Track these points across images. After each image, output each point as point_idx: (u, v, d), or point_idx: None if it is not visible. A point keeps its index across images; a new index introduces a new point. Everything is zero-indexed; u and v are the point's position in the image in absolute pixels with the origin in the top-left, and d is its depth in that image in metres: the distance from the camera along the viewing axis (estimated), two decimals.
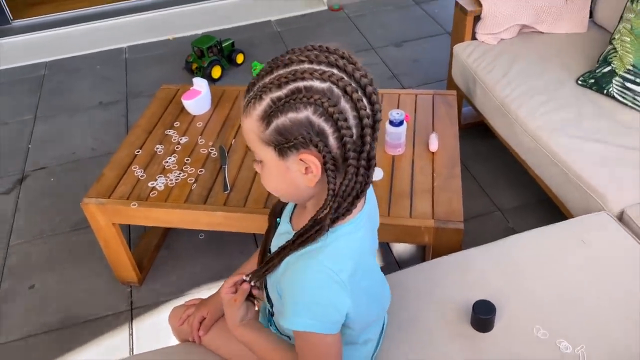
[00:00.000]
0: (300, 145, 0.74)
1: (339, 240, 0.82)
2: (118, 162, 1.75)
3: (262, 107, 0.74)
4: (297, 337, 0.87)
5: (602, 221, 1.40)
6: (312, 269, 0.80)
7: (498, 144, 2.08)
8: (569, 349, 1.13)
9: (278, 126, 0.73)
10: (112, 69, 3.03)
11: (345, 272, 0.82)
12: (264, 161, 0.79)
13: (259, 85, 0.75)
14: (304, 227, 0.81)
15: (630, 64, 1.70)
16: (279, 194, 0.85)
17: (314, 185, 0.78)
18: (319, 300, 0.81)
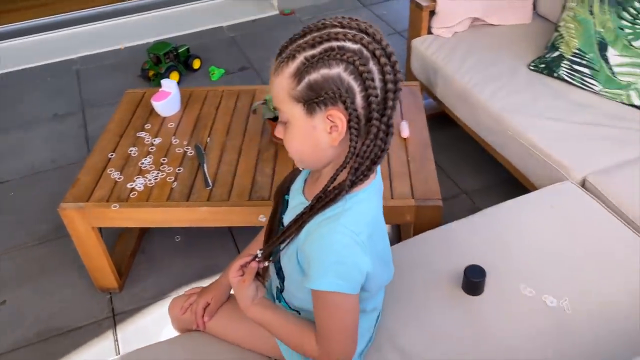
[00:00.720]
0: (329, 101, 0.78)
1: (357, 206, 0.87)
2: (92, 167, 1.72)
3: (295, 64, 0.78)
4: (319, 300, 0.90)
5: (567, 189, 1.52)
6: (336, 231, 0.84)
7: (458, 133, 2.19)
8: (554, 302, 1.22)
9: (310, 82, 0.78)
10: (64, 81, 2.96)
11: (365, 234, 0.86)
12: (290, 121, 0.83)
13: (293, 46, 0.79)
14: (324, 189, 0.85)
15: (576, 48, 1.85)
16: (301, 156, 0.88)
17: (337, 145, 0.82)
18: (344, 260, 0.85)
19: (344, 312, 0.90)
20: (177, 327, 1.31)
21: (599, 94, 1.81)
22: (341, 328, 0.91)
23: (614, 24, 1.76)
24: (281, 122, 0.86)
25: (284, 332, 1.01)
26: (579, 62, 1.84)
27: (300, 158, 0.89)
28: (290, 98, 0.80)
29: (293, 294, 1.03)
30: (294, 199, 1.00)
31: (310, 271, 0.87)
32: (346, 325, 0.91)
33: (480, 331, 1.19)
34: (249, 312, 1.01)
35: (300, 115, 0.81)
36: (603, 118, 1.72)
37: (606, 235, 1.37)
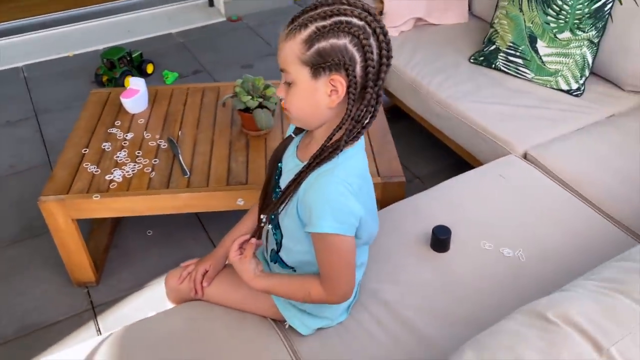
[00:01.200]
0: (334, 67, 0.92)
1: (347, 161, 1.01)
2: (67, 162, 1.76)
3: (307, 32, 0.91)
4: (321, 242, 1.02)
5: (512, 161, 1.73)
6: (332, 181, 0.98)
7: (409, 124, 2.39)
8: (510, 253, 1.41)
9: (319, 49, 0.91)
10: (12, 88, 2.92)
11: (356, 184, 1.01)
12: (295, 82, 0.95)
13: (305, 16, 0.92)
14: (322, 147, 0.98)
15: (510, 41, 2.09)
16: (299, 113, 1.00)
17: (334, 106, 0.96)
18: (341, 207, 0.99)
19: (344, 251, 1.03)
20: (173, 299, 1.39)
21: (532, 81, 2.05)
22: (342, 266, 1.05)
23: (541, 19, 2.00)
24: (285, 83, 0.98)
25: (290, 289, 1.13)
26: (513, 53, 2.08)
27: (298, 115, 1.01)
28: (299, 61, 0.93)
29: (290, 250, 1.14)
30: (288, 163, 1.12)
31: (311, 218, 1.00)
32: (347, 263, 1.05)
33: (449, 281, 1.35)
34: (254, 284, 1.13)
35: (305, 77, 0.94)
36: (537, 101, 1.96)
37: (547, 197, 1.58)
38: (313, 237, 1.03)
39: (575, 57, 1.96)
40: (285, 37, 0.94)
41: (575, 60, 1.96)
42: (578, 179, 1.63)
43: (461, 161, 2.07)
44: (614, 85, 2.02)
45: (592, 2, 1.91)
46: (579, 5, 1.92)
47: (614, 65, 1.98)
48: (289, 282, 1.14)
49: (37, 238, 2.04)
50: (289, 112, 1.01)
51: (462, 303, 1.29)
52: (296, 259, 1.16)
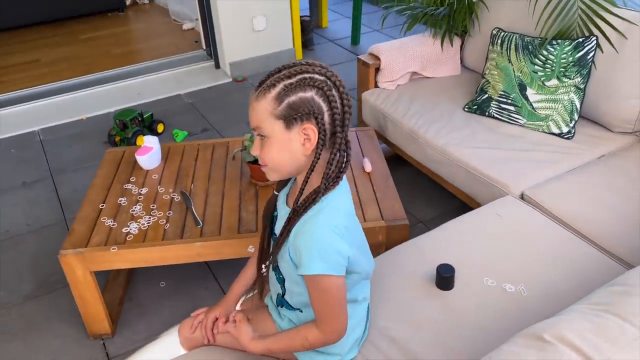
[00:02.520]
0: (305, 116, 1.02)
1: (331, 204, 1.10)
2: (85, 217, 1.85)
3: (276, 90, 1.02)
4: (312, 284, 1.09)
5: (509, 202, 1.81)
6: (318, 225, 1.07)
7: (410, 171, 2.49)
8: (513, 289, 1.46)
9: (289, 102, 1.01)
10: (29, 152, 3.05)
11: (342, 226, 1.09)
12: (269, 136, 1.04)
13: (272, 78, 1.03)
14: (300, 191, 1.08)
15: (501, 90, 2.21)
16: (276, 164, 1.07)
17: (308, 154, 1.05)
18: (327, 248, 1.06)
19: (334, 291, 1.10)
20: (187, 347, 1.43)
21: (524, 126, 2.16)
22: (334, 305, 1.11)
23: (529, 69, 2.14)
24: (259, 139, 1.06)
25: (287, 342, 1.20)
26: (505, 101, 2.20)
27: (275, 166, 1.08)
28: (272, 116, 1.02)
29: (292, 292, 1.21)
30: (281, 210, 1.21)
31: (301, 261, 1.07)
32: (339, 301, 1.11)
33: (454, 318, 1.40)
34: (252, 347, 1.22)
35: (279, 130, 1.03)
36: (530, 145, 2.06)
37: (545, 234, 1.65)
38: (305, 279, 1.10)
39: (564, 103, 2.08)
40: (256, 98, 1.04)
41: (564, 105, 2.08)
42: (573, 216, 1.71)
43: (462, 204, 2.15)
44: (603, 127, 2.13)
45: (575, 50, 2.04)
46: (563, 54, 2.06)
47: (600, 108, 2.09)
48: (285, 336, 1.22)
49: (53, 293, 2.10)
50: (266, 165, 1.09)
51: (468, 338, 1.34)
52: (299, 300, 1.22)
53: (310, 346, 1.18)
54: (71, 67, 3.95)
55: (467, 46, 2.61)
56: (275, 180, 1.15)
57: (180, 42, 4.30)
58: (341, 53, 4.13)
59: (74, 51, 4.29)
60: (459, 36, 2.60)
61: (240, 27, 3.65)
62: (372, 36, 4.38)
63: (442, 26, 2.54)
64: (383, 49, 2.49)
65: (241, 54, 3.74)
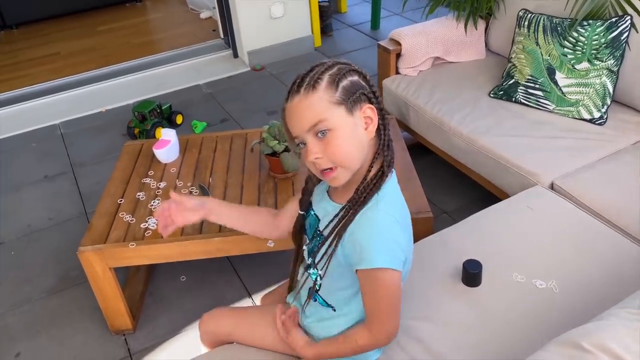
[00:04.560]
0: (362, 97, 1.00)
1: (388, 191, 1.05)
2: (104, 212, 1.83)
3: (325, 80, 0.98)
4: (370, 280, 1.03)
5: (539, 192, 1.73)
6: (379, 215, 1.01)
7: (433, 160, 2.42)
8: (543, 285, 1.40)
9: (344, 86, 0.98)
10: (50, 145, 3.06)
11: (399, 214, 1.06)
12: (335, 127, 0.98)
13: (311, 75, 0.99)
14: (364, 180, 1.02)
15: (528, 75, 2.12)
16: (348, 158, 1.00)
17: (372, 137, 1.01)
18: (391, 240, 1.02)
19: (393, 287, 1.04)
20: (207, 342, 1.41)
21: (553, 112, 2.07)
22: (390, 303, 1.05)
23: (558, 52, 2.04)
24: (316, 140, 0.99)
25: (339, 347, 1.15)
26: (533, 86, 2.11)
27: (348, 162, 1.00)
28: (333, 104, 0.97)
29: (332, 287, 1.15)
30: (325, 207, 1.13)
31: (362, 255, 1.01)
32: (395, 299, 1.05)
33: (483, 316, 1.34)
34: (305, 352, 1.19)
35: (343, 116, 0.98)
36: (559, 132, 1.97)
37: (577, 226, 1.58)
38: (361, 275, 1.03)
39: (595, 87, 1.98)
40: (302, 96, 0.99)
41: (596, 90, 1.98)
42: (606, 207, 1.62)
43: (488, 194, 2.08)
44: (637, 112, 2.02)
45: (608, 31, 1.94)
46: (594, 36, 1.96)
47: (635, 92, 1.99)
48: (335, 340, 1.16)
49: (75, 288, 2.10)
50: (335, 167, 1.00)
51: (497, 337, 1.28)
52: (339, 296, 1.16)
53: (361, 349, 1.13)
54: (90, 59, 3.95)
55: (492, 29, 2.51)
56: (342, 183, 1.03)
57: (198, 31, 4.26)
58: (361, 38, 4.05)
59: (92, 43, 4.29)
60: (483, 19, 2.50)
61: (258, 14, 3.59)
62: (392, 20, 4.28)
63: (466, 8, 2.44)
64: (404, 34, 2.41)
65: (259, 42, 3.69)
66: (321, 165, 1.01)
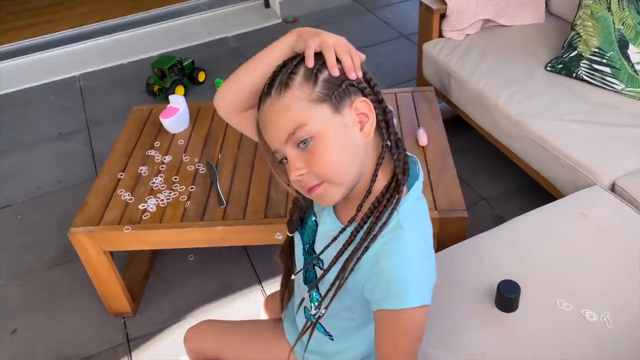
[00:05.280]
0: (351, 89, 0.77)
1: (410, 208, 0.82)
2: (101, 188, 1.67)
3: (300, 73, 0.77)
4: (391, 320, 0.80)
5: (596, 194, 1.46)
6: (408, 242, 0.79)
7: (473, 136, 2.14)
8: (594, 317, 1.16)
9: (325, 79, 0.76)
10: (67, 99, 2.91)
11: (426, 233, 0.84)
12: (319, 132, 0.75)
13: (284, 70, 0.78)
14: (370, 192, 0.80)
15: (595, 47, 1.79)
16: (340, 170, 0.78)
17: (371, 139, 0.79)
18: (424, 271, 0.80)
19: (420, 328, 0.82)
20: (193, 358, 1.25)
21: (621, 93, 1.75)
22: (411, 348, 0.83)
23: (634, 21, 1.70)
24: (297, 151, 0.77)
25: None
26: (599, 61, 1.78)
27: (339, 175, 0.78)
28: (312, 103, 0.75)
29: (336, 316, 0.95)
30: (325, 224, 0.90)
31: (390, 291, 0.78)
32: (417, 343, 0.83)
33: (517, 349, 1.13)
34: None
35: (328, 116, 0.76)
36: (628, 118, 1.66)
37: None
38: (382, 314, 0.81)
39: None
40: (274, 99, 0.77)
41: None
42: None
43: (534, 182, 1.81)
44: None
45: None
46: None
47: None
48: None
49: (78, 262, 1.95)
50: (322, 182, 0.78)
51: None
52: (338, 326, 0.97)
53: None
54: (114, 5, 3.73)
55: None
56: (333, 202, 0.81)
57: None
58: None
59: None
60: None
61: None
62: None
63: None
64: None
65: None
66: (306, 183, 0.79)
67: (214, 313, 1.77)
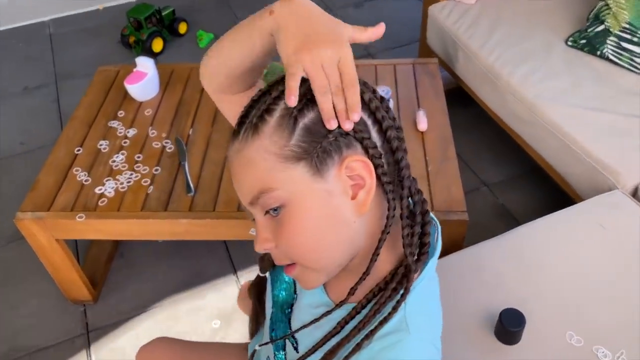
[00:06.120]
0: (342, 141, 0.54)
1: (420, 305, 0.59)
2: (55, 165, 1.47)
3: (276, 116, 0.54)
4: None
5: (617, 201, 1.27)
6: (413, 347, 0.56)
7: (477, 112, 1.92)
8: (608, 356, 1.00)
9: (307, 124, 0.53)
10: (36, 47, 2.65)
11: (439, 332, 0.62)
12: (289, 201, 0.54)
13: (260, 105, 0.56)
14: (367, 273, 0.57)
15: (625, 22, 1.56)
16: (318, 251, 0.57)
17: (366, 211, 0.55)
18: None
19: None
20: None
21: None
22: None
23: None
24: (266, 219, 0.57)
25: None
26: (629, 39, 1.55)
27: (317, 258, 0.57)
28: (285, 160, 0.53)
29: None
30: (309, 295, 0.68)
31: None
32: None
33: None
34: None
35: (306, 180, 0.54)
36: None
37: None
38: None
39: None
40: (241, 144, 0.56)
41: None
42: None
43: (544, 172, 1.62)
44: None
45: None
46: None
47: None
48: None
49: None
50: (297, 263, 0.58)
51: None
52: None
53: None
54: None
55: None
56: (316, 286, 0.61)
57: None
58: None
59: None
60: None
61: None
62: None
63: None
64: None
65: None
66: (276, 260, 0.59)
67: (182, 304, 1.61)
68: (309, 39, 0.51)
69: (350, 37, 0.53)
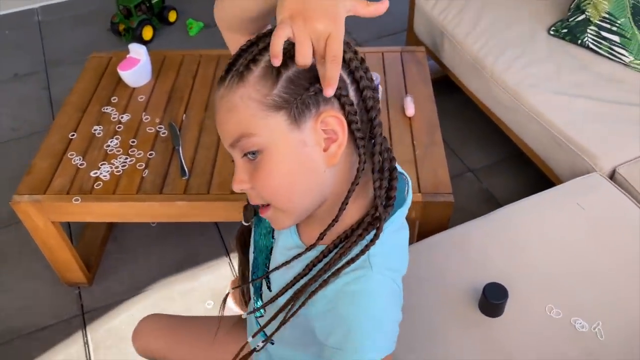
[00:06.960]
0: (320, 96, 0.58)
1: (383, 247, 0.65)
2: (50, 149, 1.49)
3: (260, 65, 0.58)
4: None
5: (594, 183, 1.34)
6: (374, 286, 0.63)
7: (462, 100, 1.98)
8: (585, 327, 1.06)
9: (290, 76, 0.57)
10: (25, 34, 2.65)
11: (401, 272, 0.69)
12: (267, 146, 0.59)
13: (246, 55, 0.59)
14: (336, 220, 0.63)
15: (605, 12, 1.62)
16: (289, 194, 0.62)
17: (336, 164, 0.61)
18: (387, 319, 0.65)
19: None
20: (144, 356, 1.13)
21: (630, 66, 1.60)
22: None
23: None
24: (244, 160, 0.61)
25: None
26: (608, 28, 1.61)
27: (288, 201, 0.63)
28: (266, 108, 0.58)
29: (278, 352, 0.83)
30: (284, 239, 0.75)
31: (348, 341, 0.63)
32: None
33: (499, 357, 1.03)
34: None
35: (283, 129, 0.58)
36: (634, 96, 1.52)
37: None
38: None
39: None
40: (226, 90, 0.60)
41: None
42: None
43: (526, 157, 1.68)
44: None
45: None
46: None
47: None
48: None
49: None
50: (270, 204, 0.64)
51: None
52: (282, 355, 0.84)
53: None
54: None
55: None
56: (286, 227, 0.67)
57: None
58: None
59: None
60: None
61: None
62: None
63: None
64: None
65: None
66: (251, 199, 0.65)
67: (176, 286, 1.65)
68: (307, 7, 0.54)
69: (349, 9, 0.56)
